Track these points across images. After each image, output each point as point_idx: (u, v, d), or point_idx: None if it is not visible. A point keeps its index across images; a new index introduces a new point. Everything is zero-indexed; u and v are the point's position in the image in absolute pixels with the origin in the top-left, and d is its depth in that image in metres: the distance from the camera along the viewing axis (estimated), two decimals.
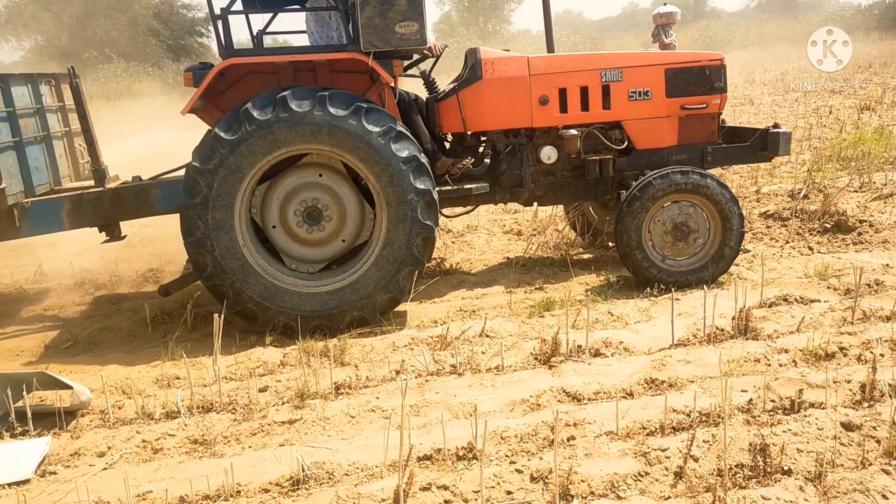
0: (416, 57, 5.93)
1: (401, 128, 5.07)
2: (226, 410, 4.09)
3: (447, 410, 3.89)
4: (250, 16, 5.70)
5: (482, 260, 6.90)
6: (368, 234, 5.34)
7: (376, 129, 4.96)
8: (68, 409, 4.13)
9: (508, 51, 6.06)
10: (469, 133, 5.87)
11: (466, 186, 5.72)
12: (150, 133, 14.40)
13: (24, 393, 4.05)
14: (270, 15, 6.15)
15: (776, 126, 6.15)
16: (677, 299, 5.16)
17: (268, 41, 5.89)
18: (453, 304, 5.66)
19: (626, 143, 6.00)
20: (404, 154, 5.01)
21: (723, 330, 4.66)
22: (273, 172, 5.23)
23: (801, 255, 6.36)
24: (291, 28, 6.50)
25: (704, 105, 6.02)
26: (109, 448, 3.76)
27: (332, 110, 4.91)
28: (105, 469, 3.59)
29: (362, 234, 5.37)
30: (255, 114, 4.88)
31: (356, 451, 3.58)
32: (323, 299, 5.15)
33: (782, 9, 58.76)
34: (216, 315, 4.49)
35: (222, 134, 4.90)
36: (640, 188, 5.50)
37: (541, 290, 5.84)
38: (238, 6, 5.34)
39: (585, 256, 6.69)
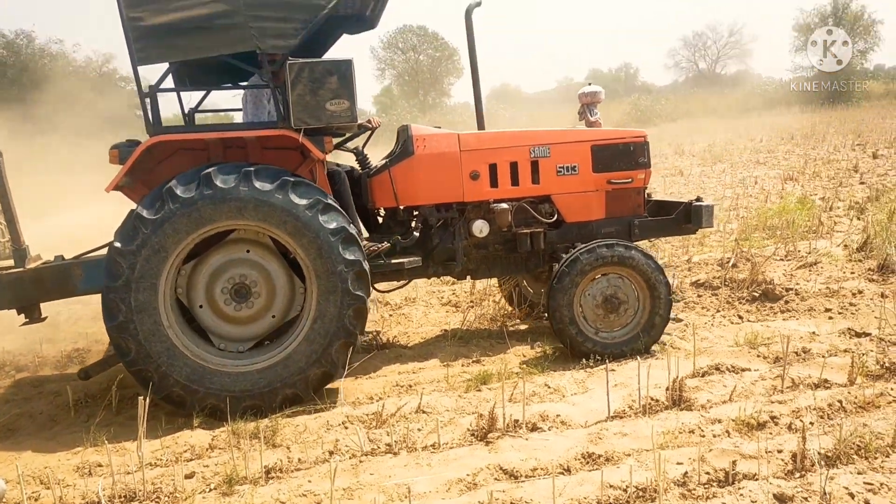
0: (354, 131, 5.99)
1: (329, 200, 5.07)
2: (149, 500, 3.90)
3: (381, 493, 3.78)
4: (182, 93, 5.70)
5: (419, 333, 6.86)
6: (299, 308, 5.26)
7: (303, 202, 4.94)
8: None
9: (440, 128, 6.17)
10: (401, 208, 5.91)
11: (398, 261, 5.72)
12: (87, 207, 14.10)
13: None
14: (202, 93, 6.15)
15: (699, 199, 6.36)
16: (612, 370, 5.19)
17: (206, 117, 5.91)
18: (389, 378, 5.58)
19: (555, 216, 6.14)
20: (332, 226, 4.99)
21: (657, 401, 4.68)
22: (198, 251, 5.15)
23: (732, 323, 6.50)
24: (226, 106, 6.47)
25: (630, 180, 6.21)
26: None
27: (257, 185, 4.88)
28: None
29: (293, 308, 5.29)
30: (178, 191, 4.82)
31: None
32: (253, 378, 5.02)
33: (709, 83, 61.54)
34: (141, 398, 4.32)
35: (145, 213, 4.81)
36: (569, 263, 5.61)
37: (478, 362, 5.81)
38: (168, 83, 5.33)
39: (522, 327, 6.71)
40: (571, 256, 5.63)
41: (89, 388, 5.59)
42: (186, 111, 5.95)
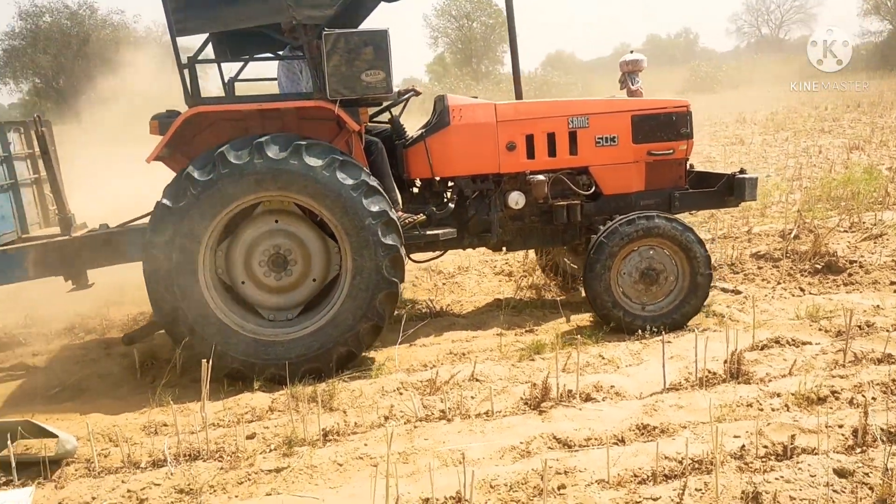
0: (394, 100, 6.01)
1: (373, 182, 5.09)
2: (213, 458, 4.04)
3: (436, 458, 3.84)
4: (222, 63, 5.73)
5: (472, 302, 6.89)
6: (337, 267, 5.30)
7: (318, 163, 4.96)
8: (53, 458, 4.07)
9: (476, 98, 6.12)
10: (437, 179, 5.92)
11: (433, 232, 5.73)
12: (139, 176, 14.40)
13: (9, 442, 3.99)
14: (240, 64, 6.18)
15: (742, 171, 6.21)
16: (668, 342, 5.15)
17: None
18: (443, 347, 5.63)
19: (593, 188, 6.05)
20: (351, 181, 5.01)
21: (715, 373, 4.63)
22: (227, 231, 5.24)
23: (793, 296, 6.36)
24: (265, 75, 6.51)
25: (671, 151, 6.08)
26: (94, 498, 3.70)
27: (271, 154, 4.92)
28: None
29: (331, 269, 5.34)
30: (196, 175, 4.90)
31: (344, 501, 3.53)
32: (307, 342, 5.11)
33: (773, 49, 59.66)
34: (204, 360, 4.46)
35: (168, 202, 4.92)
36: (595, 250, 5.56)
37: (531, 332, 5.81)
38: (207, 55, 5.38)
39: (577, 298, 6.67)
40: (595, 242, 5.58)
41: (155, 351, 5.77)
42: (226, 80, 6.03)
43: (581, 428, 4.06)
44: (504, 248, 6.29)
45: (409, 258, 6.04)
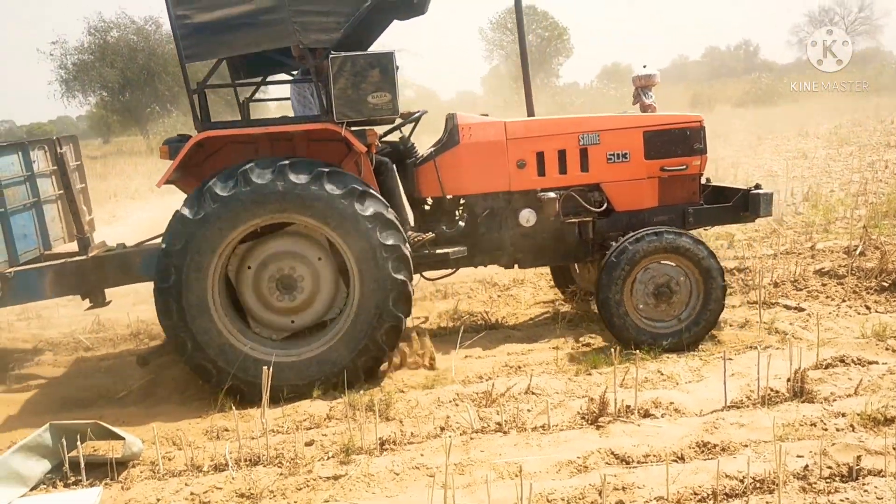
0: (411, 118, 6.07)
1: (363, 187, 5.11)
2: (272, 464, 4.12)
3: (492, 470, 3.85)
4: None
5: (528, 314, 6.87)
6: (336, 311, 5.36)
7: (338, 192, 5.00)
8: (120, 459, 4.21)
9: (487, 116, 6.15)
10: (447, 197, 5.95)
11: (443, 251, 5.75)
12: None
13: (78, 443, 4.14)
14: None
15: (758, 187, 6.09)
16: (730, 359, 5.06)
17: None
18: (499, 359, 5.63)
19: (605, 205, 6.00)
20: (369, 212, 5.05)
21: (777, 392, 4.54)
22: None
23: (858, 314, 6.19)
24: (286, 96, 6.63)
25: (684, 167, 6.00)
26: (158, 500, 3.81)
27: (293, 178, 4.98)
28: None
29: (332, 309, 5.39)
30: (217, 190, 4.97)
31: None
32: (303, 366, 5.17)
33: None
34: (265, 367, 4.56)
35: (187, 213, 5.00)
36: (606, 269, 5.50)
37: (588, 346, 5.78)
38: (222, 77, 5.48)
39: None
40: (619, 247, 5.52)
41: None
42: (241, 102, 6.18)
43: (639, 444, 4.02)
44: (516, 266, 6.27)
45: (422, 275, 6.11)
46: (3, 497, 3.87)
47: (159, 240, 5.65)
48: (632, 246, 5.48)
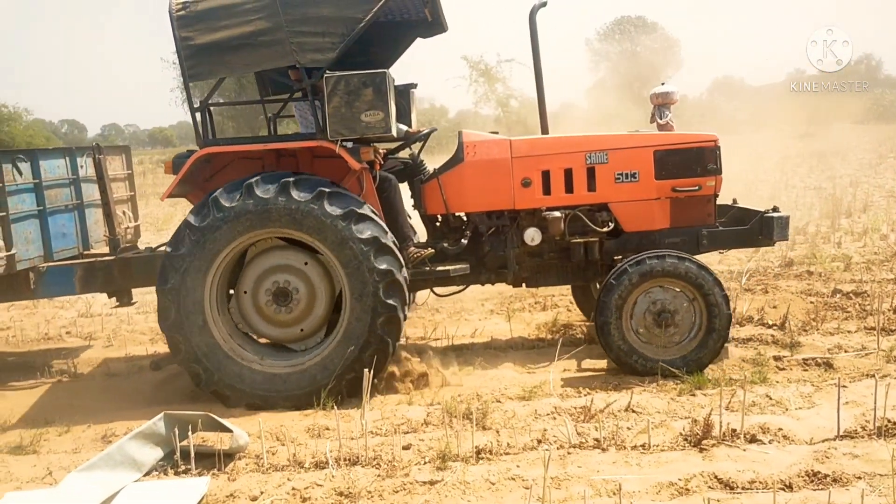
0: (419, 135, 6.12)
1: (362, 210, 5.15)
2: (370, 465, 4.19)
3: (589, 486, 3.79)
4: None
5: None
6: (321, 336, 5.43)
7: (337, 213, 5.06)
8: (227, 451, 4.38)
9: (497, 133, 6.08)
10: (452, 214, 5.92)
11: (444, 268, 5.72)
12: None
13: (189, 433, 4.34)
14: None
15: (775, 209, 5.81)
16: (844, 386, 4.81)
17: None
18: (598, 374, 5.55)
19: (613, 225, 5.84)
20: (365, 235, 5.08)
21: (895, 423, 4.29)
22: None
23: None
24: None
25: (697, 187, 5.78)
26: (262, 493, 3.94)
27: (295, 195, 5.06)
28: None
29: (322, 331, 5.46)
30: (222, 201, 5.10)
31: None
32: (295, 377, 5.26)
33: None
34: (366, 370, 4.66)
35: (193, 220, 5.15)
36: (605, 292, 5.38)
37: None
38: (216, 98, 5.71)
39: (743, 333, 6.37)
40: (618, 269, 5.37)
41: None
42: (269, 117, 6.35)
43: (745, 470, 3.87)
44: (524, 285, 6.19)
45: (433, 291, 6.17)
46: (119, 481, 4.10)
47: None
48: (631, 268, 5.34)
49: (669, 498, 3.67)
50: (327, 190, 5.13)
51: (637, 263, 5.35)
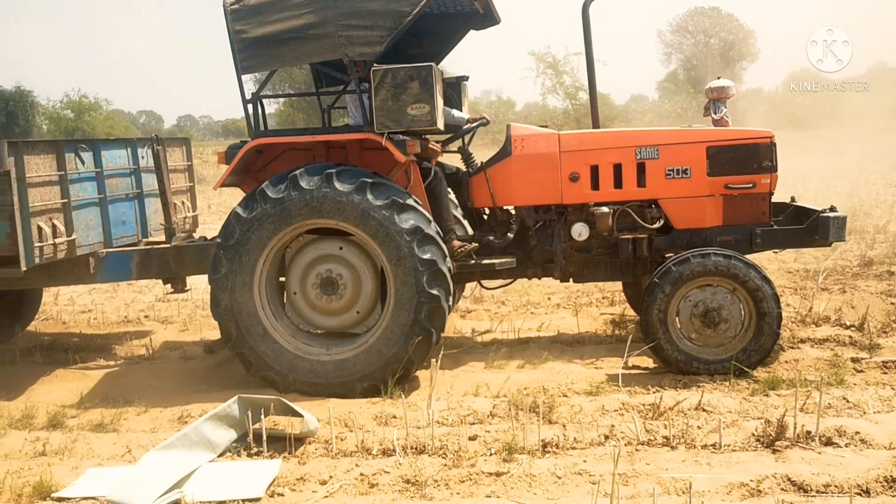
0: (468, 126, 6.07)
1: (405, 200, 5.15)
2: (437, 454, 4.24)
3: (658, 484, 3.75)
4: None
5: None
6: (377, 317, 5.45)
7: (379, 203, 5.08)
8: (298, 435, 4.49)
9: (546, 127, 5.99)
10: (499, 208, 5.89)
11: (489, 261, 5.69)
12: None
13: (262, 417, 4.46)
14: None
15: (832, 209, 5.55)
16: None
17: None
18: (666, 371, 5.46)
19: (663, 221, 5.70)
20: (408, 225, 5.09)
21: None
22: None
23: None
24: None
25: (751, 185, 5.60)
26: (331, 477, 4.03)
27: (338, 186, 5.09)
28: (326, 497, 3.85)
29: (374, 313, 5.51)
30: (269, 193, 5.18)
31: None
32: (331, 368, 5.33)
33: None
34: (433, 360, 4.70)
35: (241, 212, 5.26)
36: (650, 290, 5.30)
37: (764, 365, 5.47)
38: (267, 91, 5.73)
39: (819, 334, 6.19)
40: (663, 268, 5.25)
41: None
42: (323, 108, 6.41)
43: (819, 473, 3.78)
44: (571, 280, 6.11)
45: (480, 284, 6.20)
46: (194, 461, 4.24)
47: None
48: (676, 267, 5.23)
49: (740, 499, 3.60)
50: (370, 180, 5.20)
51: (682, 262, 5.28)
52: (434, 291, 5.16)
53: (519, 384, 5.28)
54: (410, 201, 5.25)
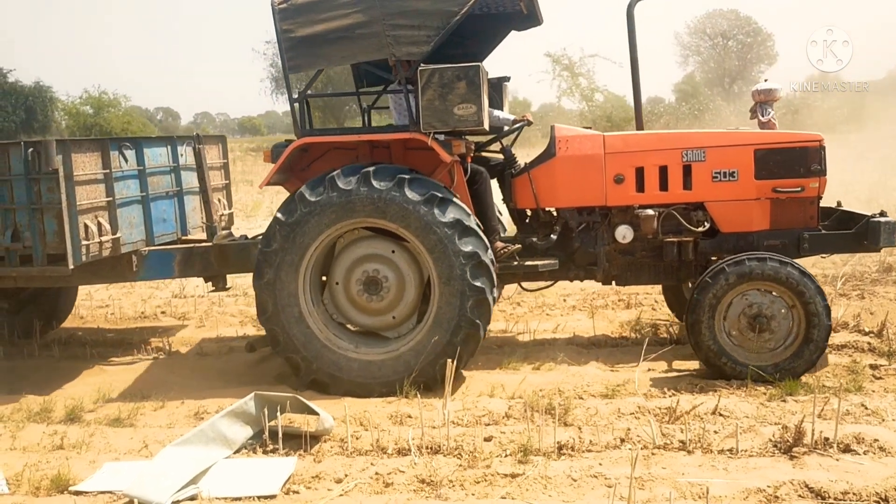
0: (508, 128, 6.07)
1: (443, 194, 5.16)
2: (452, 455, 4.24)
3: (674, 489, 3.74)
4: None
5: None
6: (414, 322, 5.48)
7: (417, 198, 5.08)
8: (313, 433, 4.50)
9: (590, 128, 5.93)
10: (542, 209, 5.85)
11: (532, 263, 5.66)
12: None
13: (278, 414, 4.47)
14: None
15: (882, 214, 5.48)
16: None
17: None
18: (683, 375, 5.45)
19: (709, 225, 5.65)
20: (448, 219, 5.08)
21: None
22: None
23: None
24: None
25: (800, 188, 5.53)
26: (346, 475, 4.04)
27: (375, 184, 5.10)
28: (341, 495, 3.86)
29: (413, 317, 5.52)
30: (308, 196, 5.20)
31: None
32: (390, 365, 5.34)
33: None
34: (448, 360, 4.70)
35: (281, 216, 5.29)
36: (698, 292, 5.24)
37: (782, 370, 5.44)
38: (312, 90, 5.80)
39: (837, 340, 6.14)
40: (715, 268, 5.19)
41: None
42: (363, 108, 6.39)
43: (837, 480, 3.75)
44: (613, 283, 6.06)
45: (520, 285, 6.17)
46: (211, 457, 4.26)
47: None
48: (729, 268, 5.17)
49: None
50: (407, 176, 5.20)
51: (736, 264, 5.21)
52: (478, 284, 5.17)
53: (534, 386, 5.27)
54: (448, 194, 5.26)
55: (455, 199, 5.29)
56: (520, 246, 5.73)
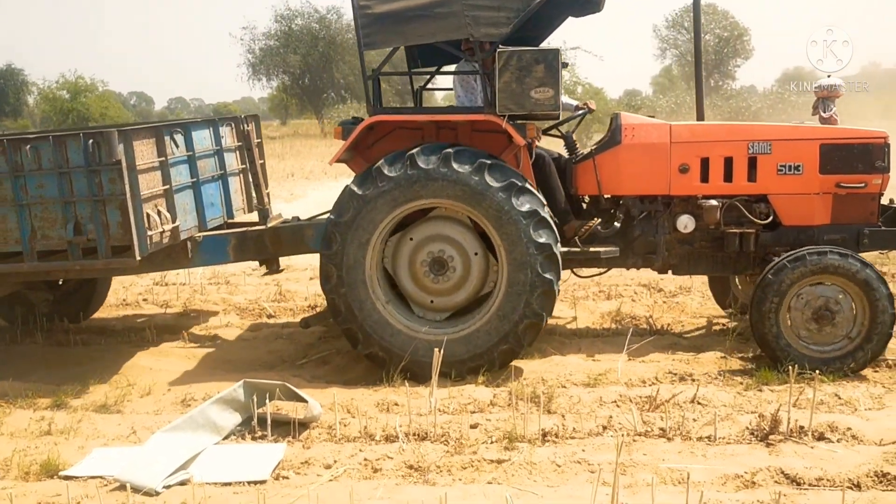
0: (570, 114, 6.08)
1: (522, 183, 5.19)
2: (439, 441, 4.33)
3: (655, 474, 3.85)
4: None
5: (694, 323, 6.73)
6: (492, 284, 5.46)
7: (497, 184, 5.11)
8: (302, 420, 4.57)
9: (653, 117, 5.97)
10: (605, 196, 5.89)
11: (595, 249, 5.71)
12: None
13: (267, 401, 4.53)
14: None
15: None
16: None
17: None
18: (663, 365, 5.57)
19: (771, 217, 5.73)
20: (525, 208, 5.13)
21: None
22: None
23: None
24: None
25: (863, 184, 5.62)
26: (335, 462, 4.11)
27: (456, 167, 5.12)
28: (331, 481, 3.94)
29: (486, 284, 5.51)
30: (385, 171, 5.19)
31: (562, 500, 3.66)
32: (450, 346, 5.30)
33: None
34: (436, 349, 4.78)
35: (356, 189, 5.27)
36: (762, 286, 5.27)
37: (757, 360, 5.58)
38: (388, 68, 5.78)
39: None
40: (778, 263, 5.26)
41: None
42: (415, 90, 6.37)
43: (812, 467, 3.89)
44: (670, 272, 6.12)
45: (573, 272, 6.19)
46: (200, 443, 4.32)
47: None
48: (791, 264, 5.24)
49: (735, 490, 3.71)
50: (488, 162, 5.21)
51: (797, 259, 5.23)
52: (548, 276, 5.22)
53: (518, 375, 5.37)
54: (527, 184, 5.27)
55: (532, 189, 5.32)
56: (599, 220, 5.79)
